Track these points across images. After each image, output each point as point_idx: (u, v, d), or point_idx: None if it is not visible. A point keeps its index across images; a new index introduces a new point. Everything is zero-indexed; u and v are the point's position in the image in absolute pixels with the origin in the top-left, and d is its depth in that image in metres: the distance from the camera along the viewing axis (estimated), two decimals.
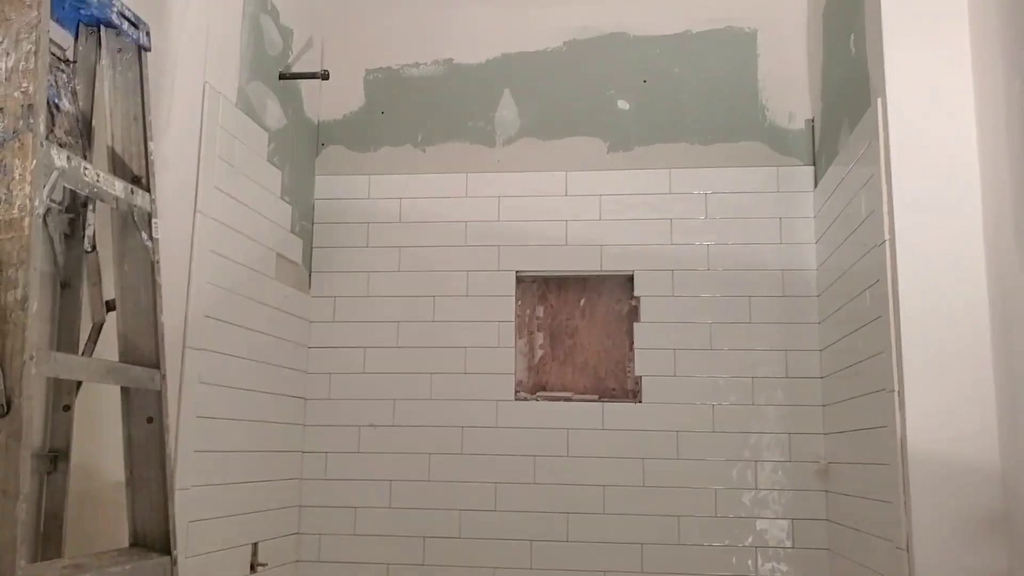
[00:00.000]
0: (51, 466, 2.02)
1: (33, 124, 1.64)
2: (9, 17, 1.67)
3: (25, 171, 1.63)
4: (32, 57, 1.66)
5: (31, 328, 1.57)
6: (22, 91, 1.65)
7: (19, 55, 1.66)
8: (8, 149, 1.63)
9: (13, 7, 1.68)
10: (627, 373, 3.23)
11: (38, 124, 1.64)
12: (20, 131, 1.64)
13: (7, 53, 1.66)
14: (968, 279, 2.16)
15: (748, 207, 3.19)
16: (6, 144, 1.63)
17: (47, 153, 1.67)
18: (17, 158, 1.63)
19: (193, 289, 2.41)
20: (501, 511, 3.11)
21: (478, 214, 3.32)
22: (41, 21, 1.67)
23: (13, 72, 1.66)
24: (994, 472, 2.06)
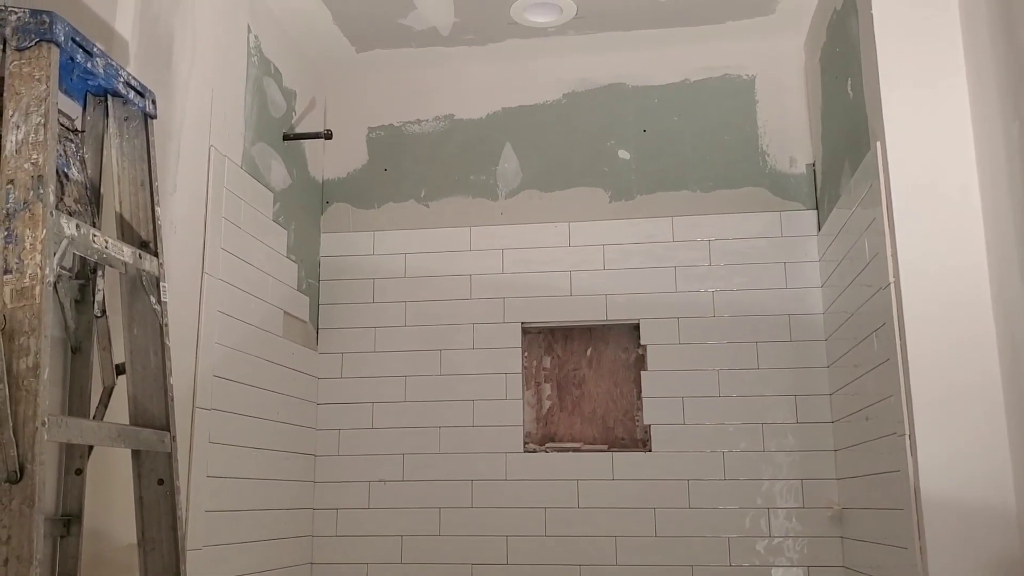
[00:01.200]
0: (64, 530, 2.02)
1: (43, 195, 1.67)
2: (19, 91, 1.71)
3: (36, 240, 1.65)
4: (41, 129, 1.69)
5: (43, 394, 1.58)
6: (32, 163, 1.68)
7: (29, 127, 1.70)
8: (19, 220, 1.66)
9: (23, 81, 1.72)
10: (636, 422, 3.22)
11: (48, 195, 1.68)
12: (30, 202, 1.67)
13: (17, 126, 1.70)
14: (975, 319, 2.17)
15: (752, 253, 3.21)
16: (17, 215, 1.66)
17: (57, 222, 1.70)
18: (28, 228, 1.66)
19: (202, 349, 2.43)
20: (513, 564, 3.09)
21: (482, 267, 3.35)
22: (50, 94, 1.71)
23: (23, 144, 1.69)
24: (1010, 515, 2.05)
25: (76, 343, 2.10)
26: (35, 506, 1.52)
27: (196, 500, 2.35)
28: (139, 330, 2.04)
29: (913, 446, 2.13)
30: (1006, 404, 2.10)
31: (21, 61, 1.73)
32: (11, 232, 1.65)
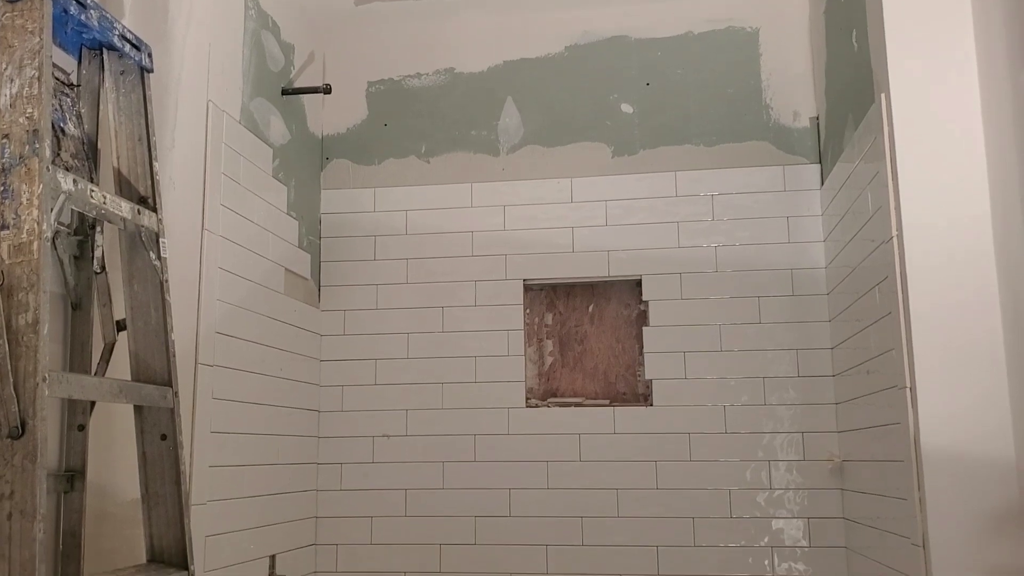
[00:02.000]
0: (68, 485, 2.04)
1: (39, 149, 1.66)
2: (12, 44, 1.69)
3: (32, 196, 1.65)
4: (36, 83, 1.68)
5: (43, 350, 1.59)
6: (27, 117, 1.67)
7: (23, 81, 1.68)
8: (15, 175, 1.65)
9: (16, 34, 1.70)
10: (637, 377, 3.23)
11: (44, 149, 1.66)
12: (26, 156, 1.66)
13: (11, 80, 1.68)
14: (978, 273, 2.16)
15: (755, 207, 3.19)
16: (13, 170, 1.65)
17: (53, 177, 1.69)
18: (24, 183, 1.65)
19: (203, 306, 2.43)
20: (515, 517, 3.12)
21: (484, 224, 3.33)
22: (43, 47, 1.69)
23: (17, 98, 1.68)
24: (1009, 466, 2.06)
25: (76, 300, 2.10)
26: (37, 461, 1.53)
27: (200, 455, 2.36)
28: (139, 286, 2.03)
29: (914, 399, 2.14)
30: (1007, 357, 2.09)
31: (13, 13, 1.71)
32: (7, 187, 1.64)
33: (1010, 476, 2.05)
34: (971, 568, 2.03)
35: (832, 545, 2.95)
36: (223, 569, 2.49)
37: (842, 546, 2.94)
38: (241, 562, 2.61)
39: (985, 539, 2.04)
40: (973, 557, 2.04)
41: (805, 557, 2.96)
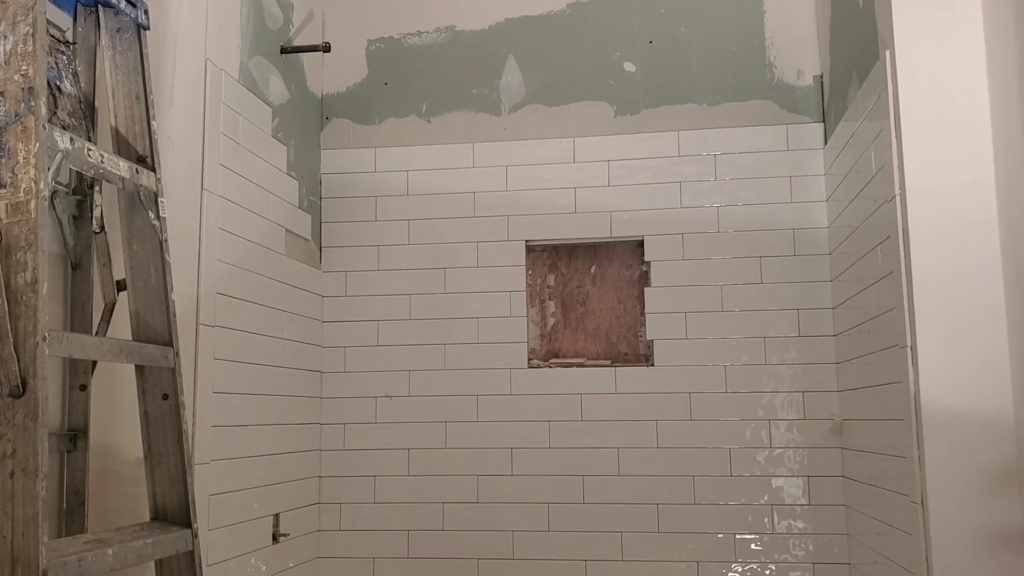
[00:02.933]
0: (71, 445, 2.05)
1: (34, 107, 1.65)
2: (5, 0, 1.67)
3: (29, 154, 1.64)
4: (30, 39, 1.66)
5: (42, 309, 1.59)
6: (22, 74, 1.65)
7: (17, 37, 1.66)
8: (11, 133, 1.64)
9: None
10: (639, 338, 3.23)
11: (39, 107, 1.65)
12: (22, 114, 1.65)
13: (4, 36, 1.67)
14: (980, 231, 2.14)
15: (758, 167, 3.17)
16: (8, 128, 1.64)
17: (50, 135, 1.68)
18: (20, 141, 1.64)
19: (203, 266, 2.42)
20: (518, 475, 3.14)
21: (486, 184, 3.32)
22: (37, 3, 1.67)
23: (12, 55, 1.66)
24: (1008, 425, 2.06)
25: (76, 260, 2.10)
26: (39, 420, 1.54)
27: (202, 415, 2.37)
28: (139, 246, 2.03)
29: (915, 358, 2.14)
30: (1008, 316, 2.09)
31: None
32: (3, 146, 1.64)
33: (1009, 435, 2.06)
34: (969, 525, 2.05)
35: (831, 503, 2.97)
36: (227, 527, 2.52)
37: (841, 504, 2.96)
38: (245, 521, 2.63)
39: (983, 497, 2.05)
40: (971, 514, 2.05)
41: (804, 515, 2.98)
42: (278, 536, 2.84)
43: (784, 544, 2.98)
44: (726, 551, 3.01)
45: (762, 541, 2.99)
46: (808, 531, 2.97)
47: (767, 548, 2.99)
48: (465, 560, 3.13)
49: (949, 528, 2.06)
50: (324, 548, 3.21)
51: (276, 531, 2.84)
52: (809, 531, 2.97)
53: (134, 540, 1.76)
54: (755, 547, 2.99)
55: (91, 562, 1.61)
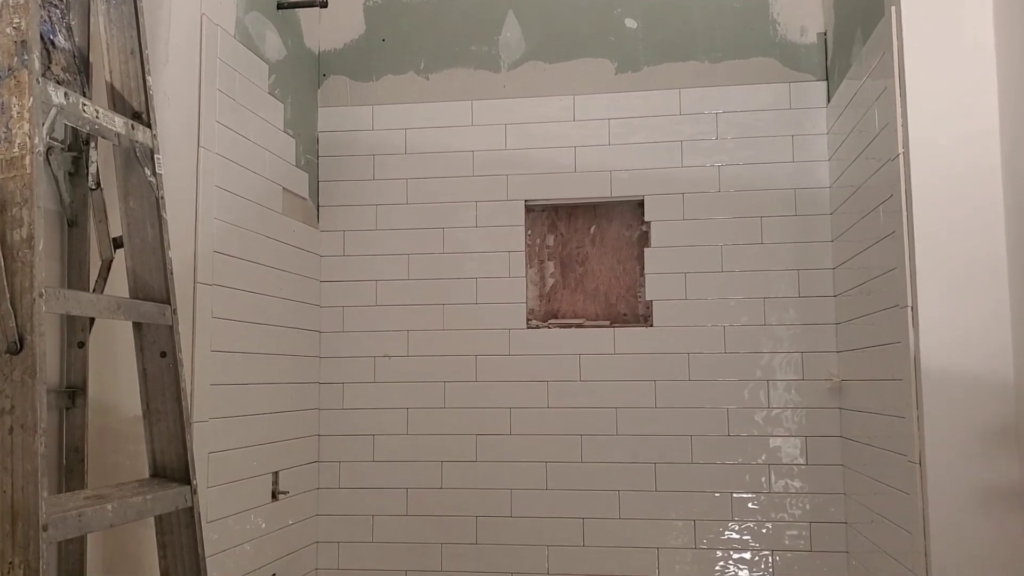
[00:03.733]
0: (69, 401, 2.05)
1: (28, 61, 1.62)
2: None
3: (23, 109, 1.61)
4: None
5: (39, 266, 1.57)
6: (14, 27, 1.62)
7: None
8: (4, 87, 1.61)
9: None
10: (638, 298, 3.23)
11: (33, 61, 1.62)
12: (15, 68, 1.62)
13: None
14: (984, 191, 2.13)
15: (760, 126, 3.14)
16: (2, 82, 1.62)
17: (44, 90, 1.66)
18: (14, 96, 1.62)
19: (200, 224, 2.41)
20: (516, 435, 3.15)
21: (485, 143, 3.29)
22: None
23: (4, 8, 1.63)
24: (1007, 385, 2.06)
25: (72, 216, 2.09)
26: (37, 376, 1.53)
27: (201, 373, 2.37)
28: (135, 203, 2.01)
29: (915, 318, 2.13)
30: (1010, 276, 2.08)
31: None
32: None
33: (1008, 394, 2.06)
34: (966, 484, 2.06)
35: (829, 463, 2.98)
36: (226, 485, 2.53)
37: (839, 464, 2.97)
38: (244, 478, 2.64)
39: (981, 456, 2.06)
40: (968, 474, 2.06)
41: (802, 474, 3.00)
42: (277, 494, 2.86)
43: (781, 503, 3.00)
44: (723, 510, 3.03)
45: (759, 500, 3.01)
46: (805, 490, 2.99)
47: (764, 507, 3.01)
48: (463, 518, 3.15)
49: (946, 487, 2.06)
50: (323, 506, 3.23)
51: (275, 489, 2.85)
52: (806, 490, 2.99)
53: (133, 496, 1.76)
54: (752, 506, 3.01)
55: (91, 517, 1.61)
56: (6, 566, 1.48)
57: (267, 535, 2.79)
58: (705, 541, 3.03)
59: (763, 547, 3.00)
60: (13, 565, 1.48)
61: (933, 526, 2.07)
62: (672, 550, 3.04)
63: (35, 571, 1.48)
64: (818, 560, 2.96)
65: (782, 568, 2.98)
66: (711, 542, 3.03)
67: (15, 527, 1.49)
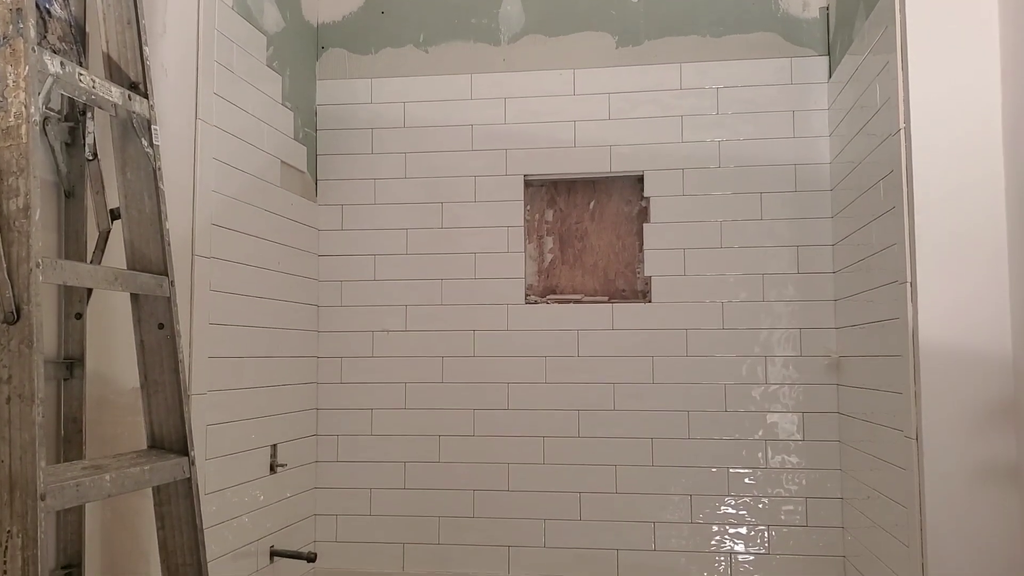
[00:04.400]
0: (67, 373, 2.05)
1: (23, 29, 1.61)
2: None
3: (19, 78, 1.60)
4: None
5: (35, 236, 1.57)
6: None
7: None
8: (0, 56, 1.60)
9: None
10: (637, 274, 3.22)
11: (28, 29, 1.61)
12: (10, 36, 1.61)
13: None
14: (985, 166, 2.12)
15: (760, 101, 3.12)
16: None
17: (40, 59, 1.64)
18: (9, 65, 1.60)
19: (198, 197, 2.40)
20: (514, 410, 3.16)
21: (484, 117, 3.27)
22: None
23: None
24: (1006, 361, 2.06)
25: (69, 187, 2.08)
26: (34, 346, 1.53)
27: (199, 346, 2.37)
28: (132, 174, 2.00)
29: (914, 293, 2.13)
30: (1010, 252, 2.08)
31: None
32: None
33: (1006, 370, 2.06)
34: (962, 460, 2.06)
35: (825, 439, 2.99)
36: (225, 457, 2.53)
37: (835, 440, 2.98)
38: (242, 451, 2.65)
39: (978, 432, 2.06)
40: (965, 449, 2.06)
41: (798, 450, 3.00)
42: (275, 466, 2.86)
43: (777, 479, 3.01)
44: (719, 485, 3.04)
45: (755, 475, 3.02)
46: (801, 466, 3.00)
47: (760, 482, 3.02)
48: (461, 492, 3.16)
49: (943, 462, 2.07)
50: (321, 479, 3.24)
51: (274, 461, 2.86)
52: (803, 466, 3.00)
53: (131, 466, 1.77)
54: (748, 481, 3.02)
55: (88, 487, 1.62)
56: (4, 535, 1.49)
57: (265, 507, 2.80)
58: (701, 516, 3.04)
59: (759, 522, 3.01)
60: (11, 534, 1.48)
61: (929, 501, 2.07)
62: (668, 524, 3.05)
63: (33, 540, 1.48)
64: (814, 535, 2.98)
65: (777, 542, 3.00)
66: (707, 517, 3.04)
67: (13, 496, 1.50)
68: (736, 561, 3.02)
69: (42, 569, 1.49)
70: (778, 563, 2.99)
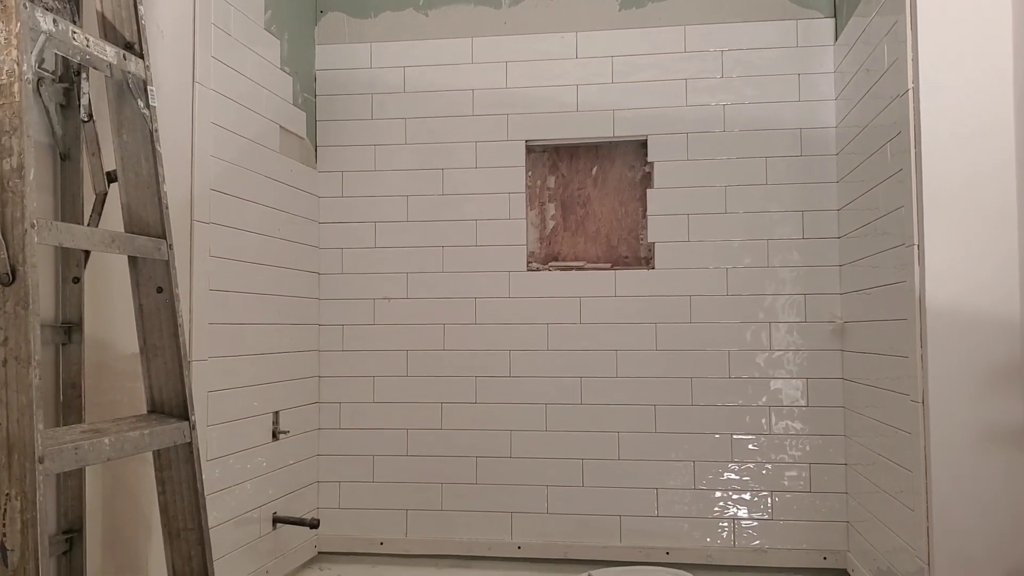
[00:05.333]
0: (66, 337, 2.03)
1: None
2: None
3: (10, 34, 1.57)
4: None
5: (30, 196, 1.54)
6: None
7: None
8: None
9: None
10: (640, 240, 3.19)
11: None
12: None
13: None
14: (995, 127, 2.08)
15: (766, 64, 3.08)
16: None
17: (31, 15, 1.61)
18: (0, 22, 1.57)
19: (197, 162, 2.37)
20: (516, 377, 3.14)
21: (485, 81, 3.23)
22: None
23: None
24: (1013, 323, 2.04)
25: (64, 149, 2.05)
26: (29, 308, 1.51)
27: (199, 312, 2.35)
28: (128, 136, 1.97)
29: (921, 256, 2.10)
30: (1019, 213, 2.05)
31: None
32: None
33: (1013, 333, 2.04)
34: (969, 423, 2.05)
35: (830, 404, 2.98)
36: (226, 424, 2.52)
37: (839, 406, 2.97)
38: (244, 417, 2.64)
39: (984, 395, 2.04)
40: (971, 412, 2.04)
41: (802, 416, 2.99)
42: (278, 433, 2.86)
43: (781, 445, 3.00)
44: (723, 451, 3.03)
45: (759, 442, 3.01)
46: (805, 432, 2.99)
47: (764, 448, 3.01)
48: (463, 458, 3.16)
49: (949, 426, 2.05)
50: (324, 446, 3.23)
51: (276, 428, 2.85)
52: (806, 432, 2.99)
53: (131, 431, 1.75)
54: (752, 447, 3.01)
55: (87, 450, 1.60)
56: (3, 498, 1.48)
57: (268, 474, 2.79)
58: (704, 482, 3.04)
59: (762, 488, 3.00)
60: (10, 496, 1.47)
61: (935, 465, 2.06)
62: (671, 491, 3.05)
63: (32, 503, 1.47)
64: (817, 501, 2.97)
65: (780, 508, 2.99)
66: (710, 483, 3.03)
67: (11, 459, 1.48)
68: (739, 527, 3.02)
69: (42, 532, 1.47)
70: (781, 528, 2.99)
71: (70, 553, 2.03)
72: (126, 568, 2.16)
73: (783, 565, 2.98)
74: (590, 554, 3.07)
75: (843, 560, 2.94)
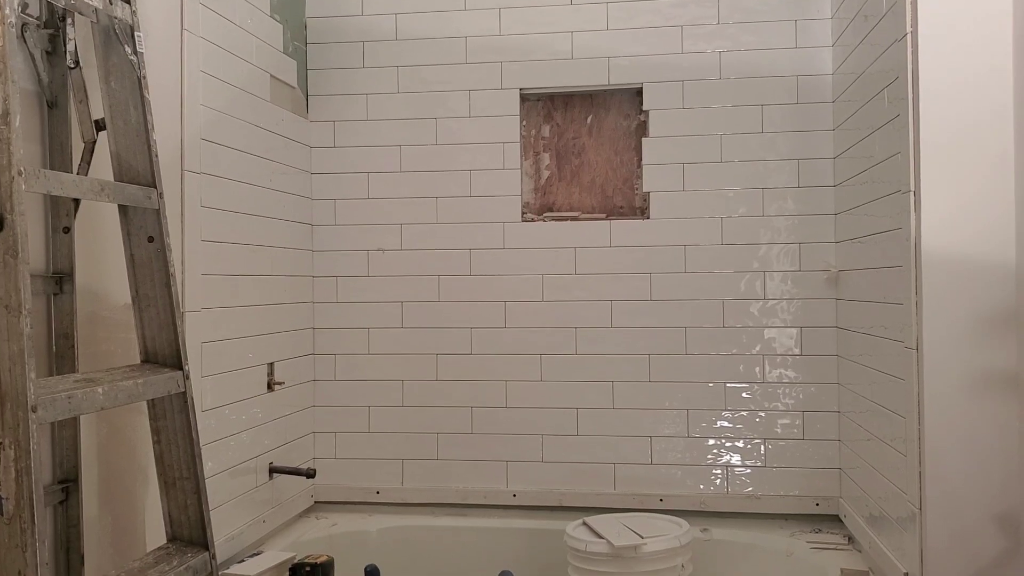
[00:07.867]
0: (57, 288, 2.02)
1: None
2: None
3: None
4: None
5: (16, 143, 1.52)
6: None
7: None
8: None
9: None
10: (635, 190, 3.18)
11: None
12: None
13: None
14: (993, 72, 2.06)
15: (762, 10, 3.04)
16: None
17: None
18: None
19: (186, 110, 2.34)
20: (511, 327, 3.14)
21: (478, 28, 3.18)
22: None
23: None
24: (1008, 269, 2.04)
25: (51, 97, 2.02)
26: (19, 256, 1.49)
27: (191, 263, 2.33)
28: (116, 83, 1.94)
29: (917, 202, 2.09)
30: (1016, 159, 2.03)
31: None
32: None
33: (1008, 278, 2.04)
34: (962, 369, 2.05)
35: (824, 353, 2.98)
36: (221, 375, 2.52)
37: (833, 354, 2.98)
38: (239, 368, 2.64)
39: (979, 341, 2.05)
40: (966, 358, 2.05)
41: (796, 364, 3.00)
42: (273, 384, 2.86)
43: (774, 393, 3.02)
44: (716, 399, 3.04)
45: (752, 390, 3.03)
46: (799, 380, 3.00)
47: (757, 397, 3.02)
48: (459, 408, 3.17)
49: (943, 372, 2.06)
50: (319, 397, 3.24)
51: (271, 380, 2.86)
52: (800, 380, 3.00)
53: (125, 380, 1.75)
54: (745, 395, 3.03)
55: (81, 399, 1.60)
56: None
57: (263, 425, 2.80)
58: (698, 430, 3.05)
59: (755, 436, 3.03)
60: (3, 446, 1.47)
61: (928, 411, 2.07)
62: (665, 439, 3.07)
63: (26, 452, 1.47)
64: (810, 448, 3.00)
65: (773, 455, 3.02)
66: (704, 431, 3.05)
67: (4, 409, 1.48)
68: (733, 474, 3.04)
69: (36, 480, 1.48)
70: (774, 475, 3.02)
71: (66, 503, 2.04)
72: (122, 517, 2.17)
73: (776, 511, 3.01)
74: (585, 501, 3.09)
75: (835, 506, 2.98)
